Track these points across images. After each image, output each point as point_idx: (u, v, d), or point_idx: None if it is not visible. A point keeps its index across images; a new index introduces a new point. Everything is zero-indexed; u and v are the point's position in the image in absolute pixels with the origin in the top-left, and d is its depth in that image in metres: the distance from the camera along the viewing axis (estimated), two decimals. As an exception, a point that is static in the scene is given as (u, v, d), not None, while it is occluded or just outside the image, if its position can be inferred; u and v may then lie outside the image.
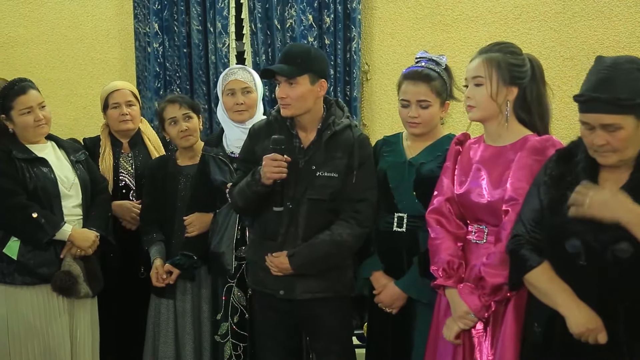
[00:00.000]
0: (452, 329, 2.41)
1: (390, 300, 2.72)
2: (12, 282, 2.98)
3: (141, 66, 4.52)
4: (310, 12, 4.17)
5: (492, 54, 2.40)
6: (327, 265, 2.69)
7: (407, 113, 2.71)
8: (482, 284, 2.33)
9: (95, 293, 3.12)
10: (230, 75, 3.13)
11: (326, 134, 2.66)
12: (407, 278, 2.69)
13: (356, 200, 2.68)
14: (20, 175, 2.98)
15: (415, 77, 2.69)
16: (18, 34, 4.73)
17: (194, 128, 3.26)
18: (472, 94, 2.42)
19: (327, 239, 2.65)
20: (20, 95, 3.06)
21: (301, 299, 2.70)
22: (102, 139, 3.53)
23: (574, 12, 4.00)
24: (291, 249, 2.66)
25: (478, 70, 2.40)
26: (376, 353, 2.86)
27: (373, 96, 4.30)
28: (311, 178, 2.66)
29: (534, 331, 2.16)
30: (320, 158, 2.66)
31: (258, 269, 2.76)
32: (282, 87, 2.64)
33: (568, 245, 2.04)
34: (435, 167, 2.68)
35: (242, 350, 3.06)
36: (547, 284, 2.10)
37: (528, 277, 2.15)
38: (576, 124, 3.93)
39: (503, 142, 2.43)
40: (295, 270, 2.66)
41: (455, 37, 4.18)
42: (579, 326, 2.02)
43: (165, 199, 3.27)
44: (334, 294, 2.73)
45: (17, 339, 3.01)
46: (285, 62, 2.65)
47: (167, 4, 4.39)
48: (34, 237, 2.96)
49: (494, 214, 2.37)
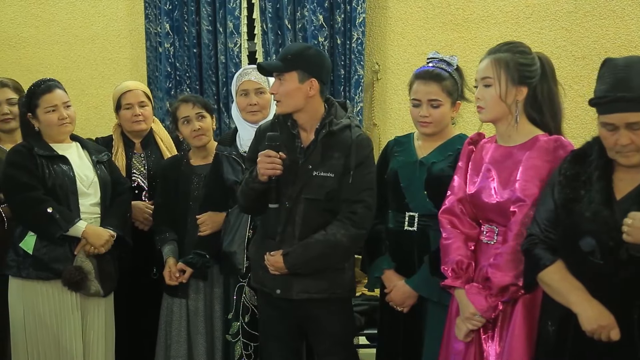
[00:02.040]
0: (462, 329, 2.42)
1: (401, 298, 2.72)
2: (28, 277, 3.01)
3: (152, 66, 4.54)
4: (321, 12, 4.17)
5: (501, 54, 2.39)
6: (321, 266, 2.67)
7: (418, 112, 2.71)
8: (488, 285, 2.34)
9: (107, 292, 3.12)
10: (244, 75, 3.14)
11: (322, 133, 2.66)
12: (417, 277, 2.69)
13: (353, 201, 2.65)
14: (39, 172, 3.01)
15: (427, 77, 2.69)
16: (30, 34, 4.76)
17: (207, 128, 3.27)
18: (482, 95, 2.42)
19: (321, 239, 2.63)
20: (46, 94, 3.09)
21: (298, 298, 2.69)
22: (115, 139, 3.54)
23: (586, 11, 3.99)
24: (287, 248, 2.66)
25: (487, 71, 2.40)
26: (387, 352, 2.86)
27: (384, 96, 4.30)
28: (308, 178, 2.65)
29: (548, 330, 2.16)
30: (317, 158, 2.66)
31: (258, 267, 2.76)
32: (274, 83, 2.68)
33: (582, 244, 2.04)
34: (446, 166, 2.68)
35: (252, 350, 3.06)
36: (560, 282, 2.10)
37: (542, 275, 2.15)
38: (588, 123, 3.93)
39: (513, 142, 2.42)
40: (289, 270, 2.65)
41: (466, 37, 4.17)
42: (591, 323, 2.02)
43: (178, 198, 3.27)
44: (331, 295, 2.71)
45: (32, 333, 3.04)
46: (279, 59, 2.68)
47: (178, 4, 4.41)
48: (48, 232, 2.99)
49: (503, 214, 2.37)
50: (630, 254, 1.96)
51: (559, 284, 2.11)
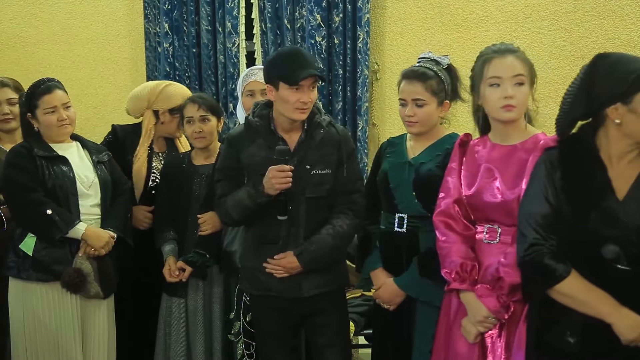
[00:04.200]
0: (471, 331, 2.40)
1: (389, 297, 2.73)
2: (28, 278, 3.01)
3: (151, 66, 4.55)
4: (319, 12, 4.17)
5: (520, 54, 2.40)
6: (332, 258, 2.75)
7: (404, 112, 2.72)
8: (500, 284, 2.32)
9: (107, 294, 3.12)
10: (251, 76, 3.15)
11: (318, 133, 2.71)
12: (406, 277, 2.70)
13: (350, 192, 2.75)
14: (39, 173, 3.01)
15: (411, 76, 2.70)
16: (29, 34, 4.76)
17: (209, 131, 3.25)
18: (514, 93, 2.36)
19: (331, 232, 2.70)
20: (46, 95, 3.08)
21: (308, 295, 2.73)
22: (145, 133, 3.43)
23: (585, 11, 3.99)
24: (296, 249, 2.69)
25: (519, 68, 2.36)
26: (379, 352, 2.88)
27: (383, 96, 4.30)
28: (307, 177, 2.68)
29: (566, 341, 2.08)
30: (313, 157, 2.70)
31: (258, 274, 2.76)
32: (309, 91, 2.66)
33: (606, 251, 2.00)
34: (434, 166, 2.67)
35: (254, 349, 3.06)
36: (585, 293, 2.04)
37: (560, 287, 2.07)
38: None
39: (513, 141, 2.42)
40: (304, 268, 2.68)
41: (465, 37, 4.18)
42: (630, 332, 1.99)
43: (180, 197, 3.27)
44: (336, 286, 2.80)
45: (32, 334, 3.04)
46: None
47: (177, 4, 4.41)
48: (47, 234, 2.99)
49: (509, 213, 2.36)
50: None
51: (585, 295, 2.04)
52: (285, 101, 2.63)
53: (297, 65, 2.61)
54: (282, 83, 2.62)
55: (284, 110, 2.67)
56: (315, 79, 2.64)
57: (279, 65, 2.66)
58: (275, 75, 2.65)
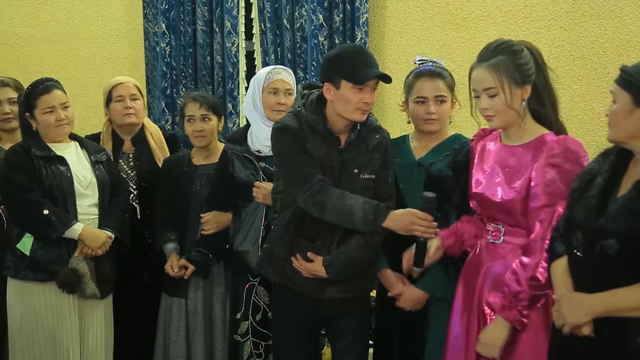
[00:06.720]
0: None
1: (411, 304, 2.73)
2: (25, 278, 3.01)
3: (150, 66, 4.55)
4: (320, 12, 4.17)
5: (496, 60, 2.34)
6: (361, 267, 2.66)
7: (425, 110, 2.72)
8: (520, 296, 2.25)
9: (104, 295, 3.11)
10: (276, 74, 3.07)
11: (374, 137, 2.63)
12: (430, 280, 2.69)
13: (385, 198, 2.62)
14: (37, 173, 3.01)
15: (432, 74, 2.75)
16: (28, 33, 4.76)
17: (210, 130, 3.26)
18: (489, 105, 2.37)
19: (361, 243, 2.59)
20: (44, 95, 3.08)
21: (331, 298, 2.66)
22: (103, 137, 3.48)
23: (584, 11, 3.98)
24: (326, 257, 2.60)
25: (488, 81, 2.34)
26: (382, 351, 2.87)
27: (382, 96, 4.29)
28: (353, 181, 2.59)
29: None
30: (364, 160, 2.61)
31: (286, 265, 2.67)
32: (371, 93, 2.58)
33: (573, 238, 2.05)
34: (444, 166, 2.70)
35: (263, 349, 3.04)
36: (558, 277, 2.13)
37: (551, 267, 2.17)
38: (586, 122, 3.95)
39: (519, 141, 2.41)
40: (331, 278, 2.61)
41: (464, 36, 4.17)
42: (572, 315, 2.02)
43: (179, 196, 3.27)
44: (362, 291, 2.73)
45: (29, 334, 3.04)
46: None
47: (174, 4, 4.42)
48: (44, 234, 2.99)
49: (509, 213, 2.36)
50: (604, 251, 1.95)
51: (555, 277, 2.13)
52: (347, 101, 2.50)
53: (363, 63, 2.50)
54: (344, 81, 2.49)
55: (343, 110, 2.54)
56: (377, 80, 2.54)
57: (342, 63, 2.52)
58: (337, 73, 2.51)
